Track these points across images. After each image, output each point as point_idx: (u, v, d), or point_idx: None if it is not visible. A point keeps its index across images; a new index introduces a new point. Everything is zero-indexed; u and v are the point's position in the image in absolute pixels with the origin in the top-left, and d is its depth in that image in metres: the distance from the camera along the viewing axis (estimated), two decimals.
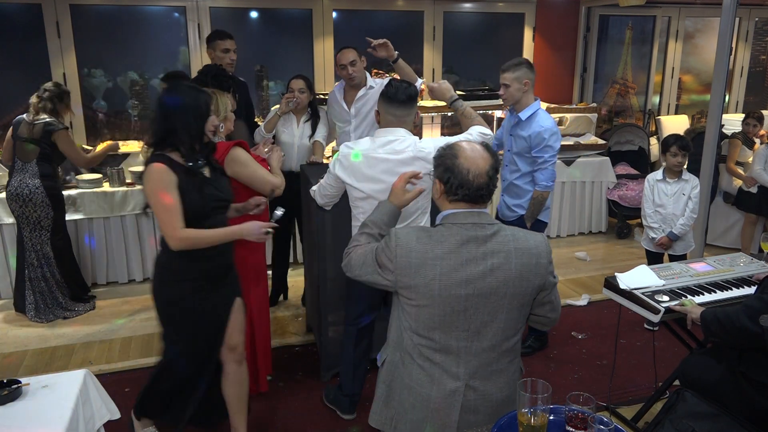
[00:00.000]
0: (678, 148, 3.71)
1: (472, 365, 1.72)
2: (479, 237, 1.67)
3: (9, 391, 2.01)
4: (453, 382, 1.72)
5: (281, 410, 3.07)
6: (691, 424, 2.11)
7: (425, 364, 1.74)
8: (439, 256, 1.65)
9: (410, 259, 1.65)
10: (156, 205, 2.23)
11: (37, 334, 3.90)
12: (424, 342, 1.73)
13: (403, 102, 2.51)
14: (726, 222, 5.42)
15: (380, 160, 2.50)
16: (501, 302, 1.68)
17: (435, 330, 1.70)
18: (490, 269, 1.65)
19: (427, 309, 1.68)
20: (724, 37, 3.40)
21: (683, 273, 2.82)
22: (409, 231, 1.72)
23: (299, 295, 4.35)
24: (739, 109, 7.22)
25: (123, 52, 5.24)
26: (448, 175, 1.68)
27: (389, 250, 1.69)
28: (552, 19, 6.35)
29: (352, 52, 3.62)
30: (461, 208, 1.71)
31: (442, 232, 1.68)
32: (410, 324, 1.74)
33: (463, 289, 1.64)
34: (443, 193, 1.72)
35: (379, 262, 1.73)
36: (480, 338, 1.70)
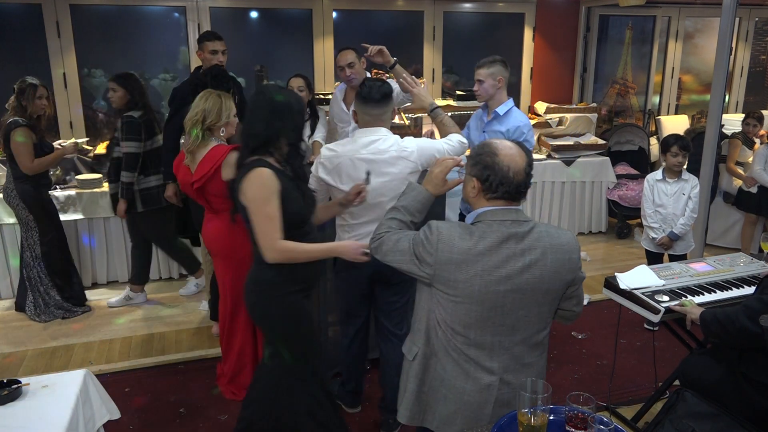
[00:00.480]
0: (678, 148, 3.71)
1: (505, 359, 1.75)
2: (518, 234, 1.69)
3: (9, 391, 2.01)
4: (488, 376, 1.74)
5: None
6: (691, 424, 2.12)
7: (460, 358, 1.75)
8: (481, 252, 1.66)
9: (452, 255, 1.66)
10: (258, 214, 2.14)
11: (37, 334, 3.90)
12: (459, 337, 1.74)
13: (379, 101, 2.53)
14: (726, 222, 5.42)
15: (365, 160, 2.51)
16: (536, 297, 1.71)
17: (471, 326, 1.71)
18: (528, 265, 1.67)
19: (464, 305, 1.68)
20: (724, 37, 3.40)
21: (683, 273, 2.82)
22: (450, 227, 1.71)
23: None
24: (739, 109, 7.22)
25: (123, 52, 5.24)
26: (488, 173, 1.69)
27: (430, 244, 1.69)
28: (552, 19, 6.35)
29: (351, 54, 3.62)
30: (499, 205, 1.72)
31: (483, 229, 1.69)
32: (445, 318, 1.74)
33: (503, 286, 1.66)
34: (480, 191, 1.72)
35: (416, 254, 1.72)
36: (514, 333, 1.73)
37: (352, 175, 2.53)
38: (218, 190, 2.81)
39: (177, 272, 4.78)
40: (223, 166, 2.74)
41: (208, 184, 2.79)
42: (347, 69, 3.59)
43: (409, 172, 2.54)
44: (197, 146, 2.78)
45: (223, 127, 2.80)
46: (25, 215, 3.96)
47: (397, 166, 2.50)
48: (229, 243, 2.93)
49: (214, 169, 2.73)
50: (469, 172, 1.75)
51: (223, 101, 2.78)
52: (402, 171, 2.52)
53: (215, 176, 2.76)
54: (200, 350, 3.68)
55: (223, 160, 2.73)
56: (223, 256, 2.97)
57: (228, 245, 2.93)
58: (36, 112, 3.91)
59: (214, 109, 2.75)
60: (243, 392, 3.13)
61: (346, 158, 2.53)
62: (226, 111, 2.79)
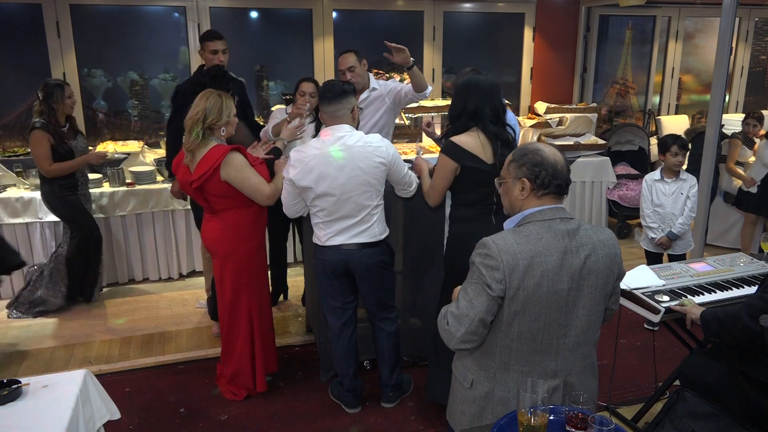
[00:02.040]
0: (679, 148, 3.72)
1: (569, 361, 1.74)
2: (570, 230, 1.70)
3: (9, 391, 2.01)
4: (552, 380, 1.73)
5: (281, 410, 3.08)
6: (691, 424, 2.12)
7: (525, 368, 1.72)
8: (542, 252, 1.65)
9: (517, 261, 1.63)
10: None
11: (37, 334, 3.91)
12: (525, 347, 1.70)
13: (332, 99, 2.66)
14: (726, 222, 5.42)
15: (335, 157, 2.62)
16: (593, 294, 1.71)
17: (538, 331, 1.69)
18: (584, 261, 1.68)
19: (534, 310, 1.66)
20: (724, 37, 3.40)
21: (683, 273, 2.82)
22: (502, 236, 1.69)
23: (299, 295, 4.36)
24: (739, 109, 7.22)
25: (123, 52, 5.24)
26: (538, 169, 1.71)
27: (492, 258, 1.65)
28: (552, 19, 6.35)
29: (352, 57, 3.62)
30: (547, 203, 1.74)
31: (536, 229, 1.69)
32: (506, 336, 1.71)
33: (566, 284, 1.66)
34: (531, 190, 1.73)
35: (486, 282, 1.66)
36: (576, 332, 1.72)
37: (323, 172, 2.62)
38: (217, 190, 2.80)
39: (177, 272, 4.78)
40: (222, 166, 2.74)
41: (207, 184, 2.78)
42: (348, 73, 3.60)
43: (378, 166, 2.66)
44: (197, 145, 2.77)
45: (223, 126, 2.80)
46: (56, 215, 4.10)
47: (364, 161, 2.63)
48: (227, 243, 2.93)
49: (213, 169, 2.73)
50: (514, 176, 1.76)
51: (224, 101, 2.78)
52: (369, 165, 2.64)
53: (214, 176, 2.75)
54: (200, 350, 3.68)
55: (222, 160, 2.73)
56: (222, 256, 2.97)
57: (227, 245, 2.94)
58: (67, 112, 3.97)
59: (214, 108, 2.75)
60: (243, 392, 3.15)
61: (316, 158, 2.63)
62: (227, 110, 2.79)
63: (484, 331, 1.71)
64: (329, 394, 3.18)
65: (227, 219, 2.91)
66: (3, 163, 4.54)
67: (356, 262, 2.76)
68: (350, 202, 2.67)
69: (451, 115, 2.69)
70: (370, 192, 2.69)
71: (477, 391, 1.79)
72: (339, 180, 2.62)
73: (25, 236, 4.35)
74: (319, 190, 2.65)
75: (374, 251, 2.76)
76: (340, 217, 2.70)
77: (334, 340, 2.98)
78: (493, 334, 1.72)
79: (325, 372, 3.33)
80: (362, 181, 2.64)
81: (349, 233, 2.73)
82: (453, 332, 1.71)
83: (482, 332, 1.71)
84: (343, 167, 2.62)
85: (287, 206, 2.82)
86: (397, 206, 3.19)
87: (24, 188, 4.44)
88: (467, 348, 1.74)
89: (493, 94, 2.59)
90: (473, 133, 2.60)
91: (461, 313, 1.70)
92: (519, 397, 1.50)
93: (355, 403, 3.06)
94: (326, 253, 2.78)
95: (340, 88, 2.68)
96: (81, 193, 4.11)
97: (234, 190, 2.81)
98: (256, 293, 3.06)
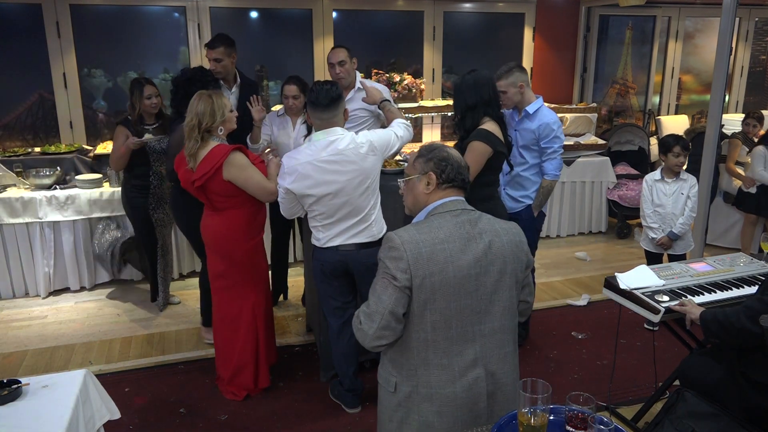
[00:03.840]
0: (681, 148, 3.72)
1: (487, 347, 1.76)
2: (471, 219, 1.78)
3: (9, 391, 2.01)
4: (473, 370, 1.75)
5: (281, 410, 3.08)
6: (691, 424, 2.12)
7: (444, 360, 1.74)
8: (443, 239, 1.71)
9: (420, 250, 1.68)
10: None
11: (37, 334, 3.91)
12: (440, 338, 1.73)
13: (326, 106, 2.65)
14: (726, 222, 5.42)
15: (328, 162, 2.63)
16: (502, 279, 1.76)
17: (452, 319, 1.72)
18: (488, 246, 1.74)
19: (444, 297, 1.69)
20: (724, 37, 3.40)
21: (683, 273, 2.82)
22: (406, 228, 1.75)
23: (299, 295, 4.36)
24: (739, 109, 7.22)
25: (123, 52, 5.24)
26: (444, 164, 1.82)
27: (396, 249, 1.70)
28: (552, 19, 6.35)
29: (343, 52, 3.63)
30: (451, 195, 1.82)
31: (437, 220, 1.76)
32: (420, 329, 1.72)
33: (473, 269, 1.71)
34: (436, 184, 1.81)
35: (391, 274, 1.70)
36: (490, 318, 1.76)
37: (319, 179, 2.63)
38: (220, 189, 2.82)
39: (177, 272, 4.78)
40: (225, 166, 2.75)
41: (209, 183, 2.81)
42: (337, 66, 3.61)
43: (372, 166, 2.70)
44: (198, 148, 2.79)
45: (220, 126, 2.82)
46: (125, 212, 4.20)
47: (358, 163, 2.65)
48: (228, 241, 2.94)
49: (215, 168, 2.75)
50: (421, 171, 1.84)
51: (215, 101, 2.80)
52: (363, 166, 2.66)
53: (216, 175, 2.77)
54: (200, 350, 3.68)
55: (225, 160, 2.74)
56: (222, 254, 2.98)
57: (228, 243, 2.95)
58: (148, 111, 3.91)
59: (206, 111, 2.77)
60: (243, 392, 3.15)
61: (309, 164, 2.63)
62: (220, 110, 2.80)
63: (398, 325, 1.73)
64: (329, 394, 3.18)
65: (228, 217, 2.93)
66: (3, 163, 4.53)
67: (355, 262, 2.76)
68: (348, 204, 2.67)
69: (467, 106, 3.08)
70: (367, 192, 2.70)
71: (400, 393, 1.79)
72: (335, 184, 2.63)
73: (25, 236, 4.35)
74: (317, 196, 2.65)
75: (373, 251, 2.76)
76: (339, 219, 2.70)
77: (334, 340, 2.98)
78: (408, 330, 1.74)
79: (325, 372, 3.33)
80: (358, 183, 2.65)
81: (347, 234, 2.73)
82: (366, 330, 1.74)
83: (395, 326, 1.72)
84: (337, 171, 2.62)
85: (285, 209, 2.82)
86: (396, 206, 3.18)
87: (24, 188, 4.44)
88: (383, 344, 1.75)
89: (493, 84, 3.12)
90: (490, 121, 3.02)
91: (372, 310, 1.73)
92: (519, 397, 1.50)
93: (355, 403, 3.06)
94: (325, 254, 2.78)
95: (334, 93, 2.66)
96: (152, 194, 3.94)
97: (236, 189, 2.82)
98: (258, 289, 3.08)
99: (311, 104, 2.67)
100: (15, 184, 4.50)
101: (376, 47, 6.03)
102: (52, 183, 4.43)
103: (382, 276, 1.73)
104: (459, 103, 3.14)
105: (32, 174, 4.39)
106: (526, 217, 3.51)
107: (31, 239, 4.37)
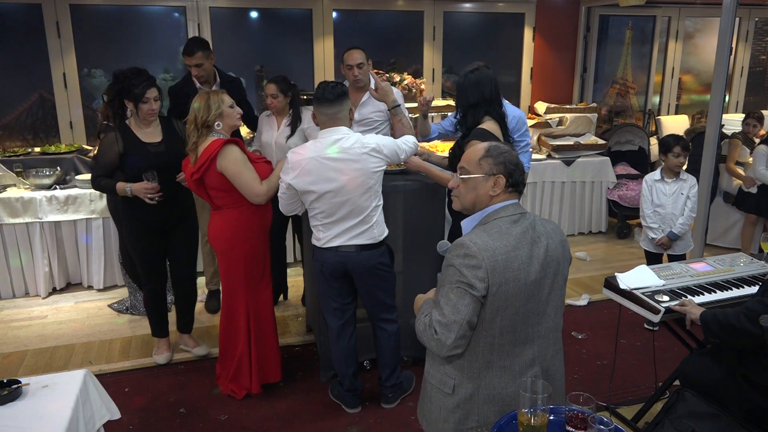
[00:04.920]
0: (681, 149, 3.72)
1: (543, 347, 1.79)
2: (531, 223, 1.78)
3: (9, 391, 2.01)
4: (531, 368, 1.77)
5: (281, 410, 3.08)
6: (691, 424, 2.12)
7: (506, 362, 1.75)
8: (515, 246, 1.70)
9: (496, 258, 1.67)
10: None
11: (37, 334, 3.91)
12: (506, 341, 1.73)
13: (332, 100, 2.66)
14: (726, 222, 5.42)
15: (332, 159, 2.63)
16: (556, 280, 1.78)
17: (517, 323, 1.72)
18: (546, 250, 1.75)
19: (512, 305, 1.69)
20: (724, 37, 3.40)
21: (683, 273, 2.82)
22: (476, 235, 1.72)
23: (299, 295, 4.36)
24: (739, 109, 7.22)
25: (123, 52, 5.24)
26: (513, 167, 1.79)
27: (473, 257, 1.66)
28: (552, 19, 6.35)
29: (361, 54, 3.63)
30: (512, 199, 1.81)
31: (501, 224, 1.74)
32: (489, 334, 1.71)
33: (538, 273, 1.72)
34: (504, 187, 1.78)
35: (468, 283, 1.66)
36: (546, 318, 1.78)
37: (322, 175, 2.63)
38: (215, 183, 2.85)
39: None
40: (218, 157, 2.79)
41: (206, 177, 2.84)
42: (356, 69, 3.61)
43: (376, 167, 2.68)
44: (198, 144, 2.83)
45: (217, 120, 2.84)
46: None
47: (362, 162, 2.64)
48: (227, 240, 2.95)
49: (210, 159, 2.79)
50: (489, 171, 1.79)
51: (210, 97, 2.85)
52: (366, 166, 2.64)
53: (211, 167, 2.80)
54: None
55: (219, 151, 2.77)
56: (221, 252, 3.01)
57: (225, 242, 2.96)
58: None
59: (201, 106, 2.83)
60: (243, 392, 3.15)
61: (313, 160, 2.63)
62: (215, 104, 2.83)
63: (471, 333, 1.72)
64: (329, 394, 3.18)
65: (228, 216, 2.95)
66: (3, 163, 4.53)
67: (355, 264, 2.76)
68: (349, 204, 2.67)
69: (469, 104, 3.01)
70: (369, 193, 2.69)
71: (459, 395, 1.77)
72: (337, 182, 2.62)
73: (25, 236, 4.35)
74: (318, 193, 2.65)
75: (373, 253, 2.76)
76: (340, 218, 2.70)
77: (334, 341, 2.98)
78: (476, 334, 1.72)
79: (325, 372, 3.33)
80: (360, 183, 2.65)
81: (348, 235, 2.72)
82: (444, 340, 1.69)
83: (469, 335, 1.72)
84: (340, 170, 2.62)
85: (284, 206, 2.82)
86: (397, 206, 3.19)
87: (24, 188, 4.44)
88: (458, 353, 1.73)
89: (496, 83, 3.08)
90: (490, 120, 2.96)
91: (449, 320, 1.68)
92: (519, 398, 1.50)
93: (355, 403, 3.06)
94: (325, 255, 2.78)
95: (340, 89, 2.67)
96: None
97: (231, 184, 2.84)
98: (253, 295, 3.07)
99: (317, 99, 2.68)
100: (15, 184, 4.50)
101: (376, 47, 6.02)
102: (52, 183, 4.44)
103: (456, 285, 1.69)
104: (461, 101, 3.11)
105: (32, 174, 4.39)
106: None
107: (31, 239, 4.37)
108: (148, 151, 3.16)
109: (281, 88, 3.70)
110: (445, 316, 1.69)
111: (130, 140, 3.15)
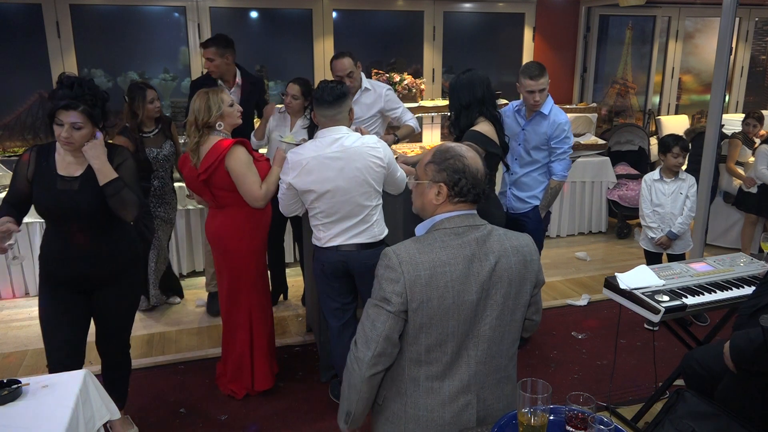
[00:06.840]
0: (680, 149, 3.72)
1: (481, 374, 1.66)
2: (479, 237, 1.64)
3: (9, 391, 2.01)
4: (464, 395, 1.65)
5: (281, 410, 3.08)
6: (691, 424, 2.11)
7: (435, 384, 1.65)
8: (445, 261, 1.58)
9: (418, 272, 1.56)
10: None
11: (37, 334, 3.89)
12: (434, 359, 1.63)
13: (332, 102, 2.64)
14: (726, 222, 5.42)
15: (333, 158, 2.62)
16: (506, 303, 1.64)
17: (447, 343, 1.62)
18: (493, 268, 1.61)
19: (441, 323, 1.59)
20: (724, 37, 3.40)
21: (683, 273, 2.82)
22: (405, 245, 1.62)
23: (299, 295, 4.36)
24: (739, 109, 7.22)
25: (123, 52, 5.24)
26: (458, 176, 1.64)
27: (392, 269, 1.58)
28: (552, 19, 6.35)
29: (348, 61, 3.62)
30: (461, 209, 1.67)
31: (441, 237, 1.62)
32: (413, 349, 1.64)
33: (475, 294, 1.60)
34: (448, 196, 1.66)
35: (385, 297, 1.59)
36: (488, 344, 1.65)
37: (322, 174, 2.62)
38: (223, 183, 2.84)
39: (177, 272, 4.77)
40: (227, 157, 2.77)
41: (213, 177, 2.82)
42: (347, 79, 3.60)
43: (377, 166, 2.66)
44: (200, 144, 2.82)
45: (218, 120, 2.83)
46: None
47: (363, 162, 2.63)
48: (230, 240, 2.95)
49: (219, 160, 2.77)
50: (432, 179, 1.66)
51: (210, 96, 2.83)
52: (368, 166, 2.64)
53: (219, 167, 2.79)
54: (200, 350, 3.68)
55: (228, 151, 2.76)
56: (222, 251, 3.00)
57: (227, 241, 2.96)
58: (151, 116, 3.76)
59: (201, 107, 2.80)
60: (243, 392, 3.15)
61: (314, 159, 2.63)
62: (216, 105, 2.82)
63: (394, 349, 1.63)
64: (329, 394, 3.18)
65: (231, 215, 2.94)
66: (3, 163, 4.53)
67: (356, 262, 2.76)
68: (349, 203, 2.67)
69: (460, 105, 3.05)
70: (369, 192, 2.69)
71: (389, 409, 1.71)
72: (338, 181, 2.62)
73: (26, 236, 4.35)
74: (319, 192, 2.65)
75: (373, 252, 2.76)
76: (340, 218, 2.70)
77: (334, 341, 2.98)
78: (403, 346, 1.64)
79: (325, 372, 3.33)
80: (361, 182, 2.65)
81: (348, 234, 2.73)
82: (361, 357, 1.62)
83: (391, 351, 1.63)
84: (341, 168, 2.62)
85: (284, 206, 2.82)
86: (396, 206, 3.19)
87: None
88: (379, 371, 1.64)
89: (489, 84, 3.09)
90: (484, 122, 2.96)
91: (368, 337, 1.62)
92: (518, 398, 1.50)
93: None
94: (325, 255, 2.78)
95: (339, 91, 2.67)
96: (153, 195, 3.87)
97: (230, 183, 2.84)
98: (254, 293, 3.07)
99: (316, 101, 2.67)
100: None
101: (376, 47, 6.03)
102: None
103: (377, 299, 1.62)
104: (453, 102, 3.12)
105: None
106: (534, 218, 3.51)
107: (31, 239, 4.37)
108: (55, 186, 2.39)
109: (303, 91, 3.70)
110: (365, 331, 1.63)
111: (44, 166, 2.40)
